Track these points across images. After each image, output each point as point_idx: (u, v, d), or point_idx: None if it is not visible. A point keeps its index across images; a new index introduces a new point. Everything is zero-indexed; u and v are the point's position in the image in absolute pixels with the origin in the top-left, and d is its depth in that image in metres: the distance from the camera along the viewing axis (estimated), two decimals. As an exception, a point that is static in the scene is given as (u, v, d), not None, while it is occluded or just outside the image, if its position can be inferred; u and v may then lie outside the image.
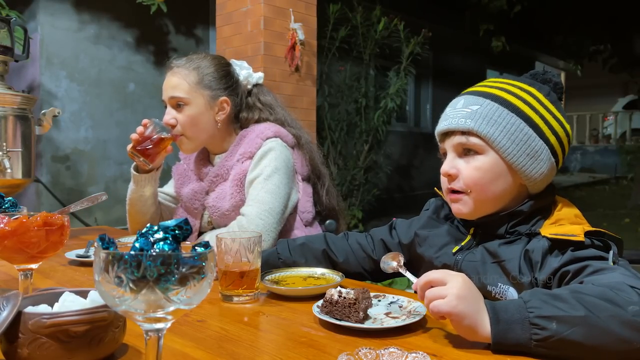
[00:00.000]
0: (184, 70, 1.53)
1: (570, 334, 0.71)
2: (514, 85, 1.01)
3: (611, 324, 0.71)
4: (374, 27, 5.49)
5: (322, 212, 1.68)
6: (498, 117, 0.96)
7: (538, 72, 1.07)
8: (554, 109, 1.00)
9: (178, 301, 0.53)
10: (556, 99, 1.03)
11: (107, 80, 4.43)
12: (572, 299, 0.74)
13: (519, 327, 0.73)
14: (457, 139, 1.00)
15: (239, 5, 3.79)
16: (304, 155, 1.63)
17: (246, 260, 1.05)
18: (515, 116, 0.97)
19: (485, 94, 1.00)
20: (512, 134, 0.96)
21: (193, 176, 1.66)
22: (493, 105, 0.98)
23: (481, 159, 0.98)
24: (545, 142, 0.97)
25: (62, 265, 1.37)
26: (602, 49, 9.52)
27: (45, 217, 0.84)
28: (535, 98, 1.00)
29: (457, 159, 1.01)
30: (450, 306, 0.77)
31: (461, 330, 0.78)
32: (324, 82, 5.49)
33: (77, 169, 4.29)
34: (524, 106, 0.98)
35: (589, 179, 12.41)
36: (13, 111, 2.16)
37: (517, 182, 0.99)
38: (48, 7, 4.08)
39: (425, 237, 1.13)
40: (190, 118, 1.53)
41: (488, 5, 7.17)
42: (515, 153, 0.96)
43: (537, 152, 0.97)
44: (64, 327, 0.69)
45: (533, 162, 0.97)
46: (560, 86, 1.06)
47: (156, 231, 0.54)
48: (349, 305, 0.87)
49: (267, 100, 1.67)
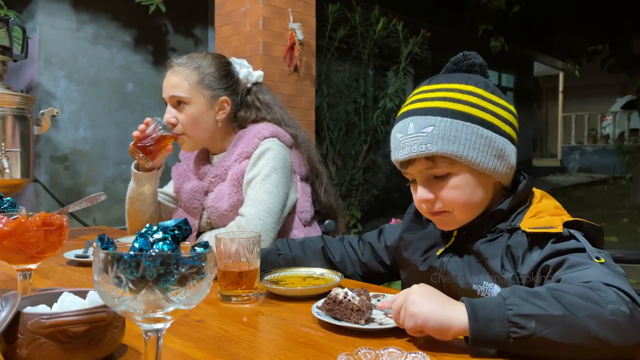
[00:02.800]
0: (184, 69, 1.53)
1: (548, 333, 0.71)
2: (453, 90, 0.98)
3: (590, 323, 0.70)
4: (373, 27, 5.49)
5: (321, 211, 1.69)
6: (456, 132, 0.94)
7: (459, 59, 1.03)
8: (496, 98, 0.99)
9: (177, 301, 0.53)
10: (493, 87, 1.00)
11: (106, 80, 4.42)
12: (550, 298, 0.73)
13: (497, 324, 0.73)
14: (422, 165, 0.97)
15: (237, 5, 3.79)
16: (301, 154, 1.63)
17: (245, 261, 1.05)
18: (471, 124, 0.94)
19: (432, 111, 0.96)
20: (475, 143, 0.94)
21: (193, 176, 1.66)
22: (446, 122, 0.94)
23: (455, 178, 0.97)
24: (503, 135, 0.97)
25: (61, 265, 1.37)
26: (601, 49, 9.54)
27: (44, 217, 0.84)
28: (478, 96, 0.97)
29: (428, 183, 0.99)
30: (410, 314, 0.79)
31: (434, 331, 0.78)
32: (323, 82, 5.49)
33: (76, 169, 4.28)
34: (473, 109, 0.96)
35: (588, 179, 12.41)
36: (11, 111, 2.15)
37: (492, 182, 1.00)
38: (46, 7, 4.07)
39: (410, 241, 1.14)
40: (190, 117, 1.53)
41: (487, 6, 7.18)
42: (484, 160, 0.95)
43: (501, 150, 0.96)
44: (63, 328, 0.69)
45: (502, 161, 0.97)
46: (484, 64, 1.03)
47: (155, 231, 0.54)
48: (351, 309, 0.88)
49: (265, 99, 1.67)
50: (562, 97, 15.76)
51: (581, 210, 7.99)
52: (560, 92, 15.73)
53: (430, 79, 1.03)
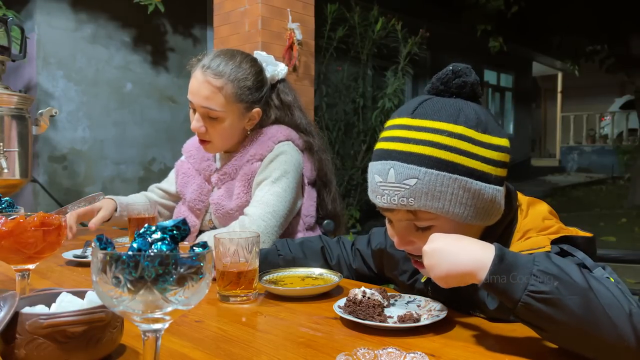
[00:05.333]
0: (221, 80, 1.43)
1: (567, 299, 0.68)
2: (439, 133, 0.86)
3: (612, 310, 0.68)
4: (372, 27, 5.50)
5: (325, 217, 1.68)
6: (441, 186, 0.85)
7: (448, 77, 0.91)
8: (488, 138, 0.87)
9: (176, 302, 0.53)
10: (485, 119, 0.89)
11: (104, 80, 4.42)
12: (579, 272, 0.72)
13: (519, 272, 0.71)
14: (403, 216, 0.90)
15: (236, 5, 3.79)
16: (313, 160, 1.62)
17: (244, 261, 1.05)
18: (457, 176, 0.85)
19: (416, 159, 0.86)
20: (462, 198, 0.86)
21: (197, 176, 1.65)
22: (431, 174, 0.84)
23: (437, 229, 0.87)
24: (492, 182, 0.87)
25: (59, 265, 1.37)
26: (599, 49, 9.55)
27: (42, 218, 0.84)
28: (468, 140, 0.86)
29: (408, 231, 0.91)
30: (427, 268, 0.80)
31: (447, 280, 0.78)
32: (322, 82, 5.49)
33: (74, 169, 4.28)
34: (462, 158, 0.85)
35: (586, 179, 12.42)
36: (10, 111, 2.15)
37: (480, 228, 0.94)
38: (45, 7, 4.06)
39: (396, 261, 1.12)
40: (223, 130, 1.48)
41: (485, 6, 7.18)
42: (471, 215, 0.87)
43: (489, 200, 0.87)
44: (61, 328, 0.69)
45: (488, 212, 0.89)
46: (475, 82, 0.92)
47: (154, 231, 0.54)
48: (373, 306, 0.88)
49: (287, 100, 1.63)
50: (560, 97, 15.78)
51: (580, 210, 8.00)
52: (558, 92, 15.75)
53: (415, 108, 0.90)
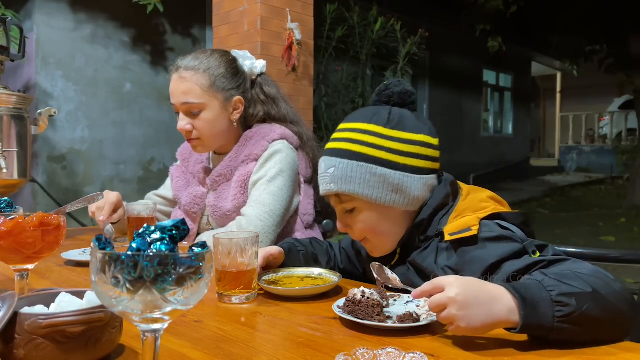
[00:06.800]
0: (194, 73, 1.46)
1: (587, 308, 0.74)
2: (354, 131, 1.06)
3: (611, 298, 0.77)
4: (371, 27, 5.50)
5: (322, 212, 1.68)
6: (351, 172, 1.03)
7: (381, 89, 1.11)
8: (397, 133, 1.04)
9: (175, 302, 0.53)
10: (398, 121, 1.05)
11: (104, 80, 4.42)
12: (576, 277, 0.78)
13: (542, 306, 0.75)
14: (334, 201, 1.09)
15: (235, 5, 3.79)
16: (307, 155, 1.62)
17: (243, 261, 1.05)
18: (365, 163, 1.02)
19: (335, 152, 1.06)
20: (369, 181, 1.02)
21: (193, 180, 1.64)
22: (344, 163, 1.04)
23: (359, 211, 1.06)
24: (401, 169, 1.03)
25: (58, 265, 1.36)
26: (598, 49, 9.55)
27: (41, 218, 0.84)
28: (377, 135, 1.04)
29: (343, 216, 1.10)
30: (457, 328, 0.77)
31: (480, 331, 0.78)
32: (321, 82, 5.49)
33: (73, 169, 4.27)
34: (369, 149, 1.03)
35: (585, 179, 12.43)
36: (9, 111, 2.15)
37: (398, 212, 1.06)
38: (44, 7, 4.06)
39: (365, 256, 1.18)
40: (207, 123, 1.49)
41: (484, 6, 7.18)
42: (380, 196, 1.03)
43: (398, 184, 1.02)
44: (60, 328, 0.69)
45: (400, 194, 1.03)
46: (405, 91, 1.09)
47: (153, 231, 0.54)
48: (372, 306, 0.88)
49: (271, 92, 1.63)
50: (559, 97, 15.79)
51: (579, 210, 8.00)
52: (557, 92, 15.76)
53: (348, 116, 1.13)
